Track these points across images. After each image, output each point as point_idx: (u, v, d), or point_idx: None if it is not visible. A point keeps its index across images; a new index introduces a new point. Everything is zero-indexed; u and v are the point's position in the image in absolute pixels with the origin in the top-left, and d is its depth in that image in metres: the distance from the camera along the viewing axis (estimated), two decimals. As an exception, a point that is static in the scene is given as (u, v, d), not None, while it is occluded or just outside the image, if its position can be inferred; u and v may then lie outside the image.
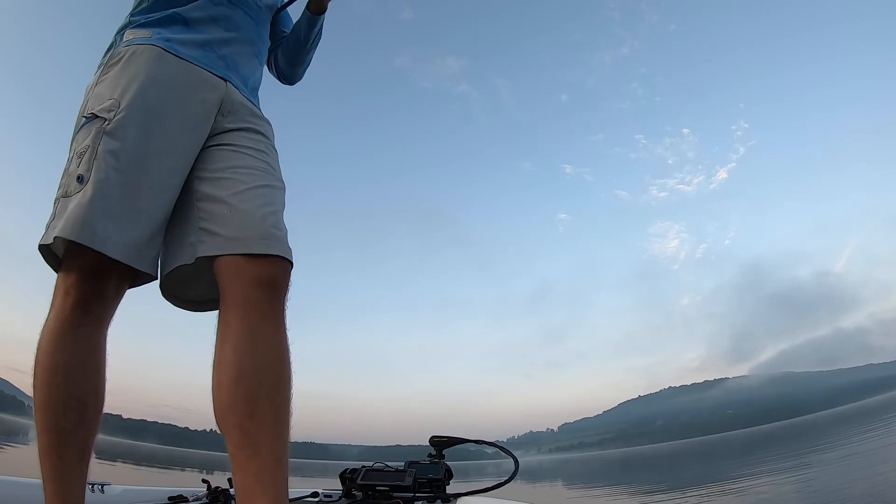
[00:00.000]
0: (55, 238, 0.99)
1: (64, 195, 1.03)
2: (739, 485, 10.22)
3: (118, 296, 1.10)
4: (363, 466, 1.79)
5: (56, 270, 1.07)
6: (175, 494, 1.69)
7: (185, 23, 1.23)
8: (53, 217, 1.03)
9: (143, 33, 1.19)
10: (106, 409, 1.10)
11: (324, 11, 1.51)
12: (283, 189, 1.23)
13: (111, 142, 1.05)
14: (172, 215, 1.15)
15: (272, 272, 1.06)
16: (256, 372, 0.97)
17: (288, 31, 1.60)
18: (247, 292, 1.03)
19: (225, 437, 0.96)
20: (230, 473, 1.82)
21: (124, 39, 1.20)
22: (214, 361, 1.01)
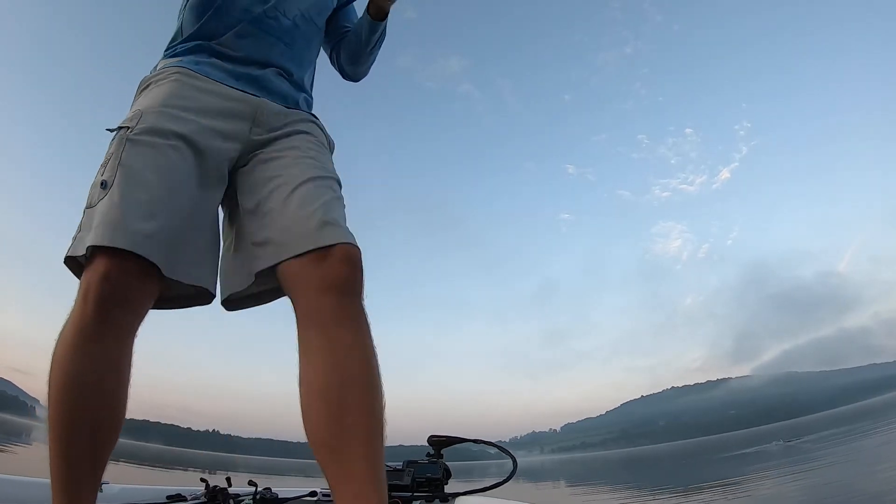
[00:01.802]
0: (90, 248, 0.92)
1: (88, 206, 0.99)
2: (743, 485, 10.21)
3: (145, 301, 0.99)
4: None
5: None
6: (173, 493, 1.69)
7: (217, 52, 1.22)
8: (80, 229, 0.98)
9: (173, 60, 1.20)
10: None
11: (385, 17, 1.43)
12: (334, 178, 1.15)
13: (135, 147, 1.01)
14: (224, 236, 1.14)
15: (340, 271, 0.96)
16: (341, 387, 0.89)
17: (351, 25, 1.52)
18: (318, 301, 0.95)
19: (318, 461, 0.89)
20: (231, 473, 1.83)
21: (157, 69, 1.21)
22: (299, 381, 0.94)
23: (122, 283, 0.93)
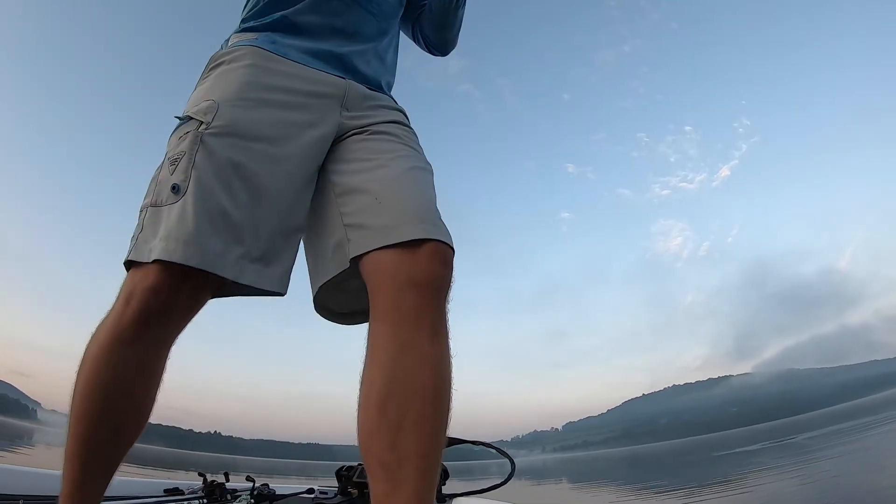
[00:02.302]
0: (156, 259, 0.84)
1: (153, 204, 0.90)
2: (745, 482, 10.20)
3: (190, 315, 0.92)
4: (359, 464, 1.79)
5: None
6: (171, 487, 1.70)
7: (295, 26, 1.10)
8: (142, 228, 0.89)
9: (248, 36, 1.08)
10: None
11: None
12: (432, 172, 1.07)
13: (211, 147, 0.91)
14: (313, 223, 1.03)
15: (429, 269, 0.87)
16: (403, 396, 0.80)
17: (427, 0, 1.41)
18: (398, 297, 0.85)
19: (366, 468, 0.81)
20: (232, 474, 1.84)
21: (229, 44, 1.09)
22: (360, 381, 0.85)
23: (172, 297, 0.87)
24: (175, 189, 0.88)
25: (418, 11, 1.42)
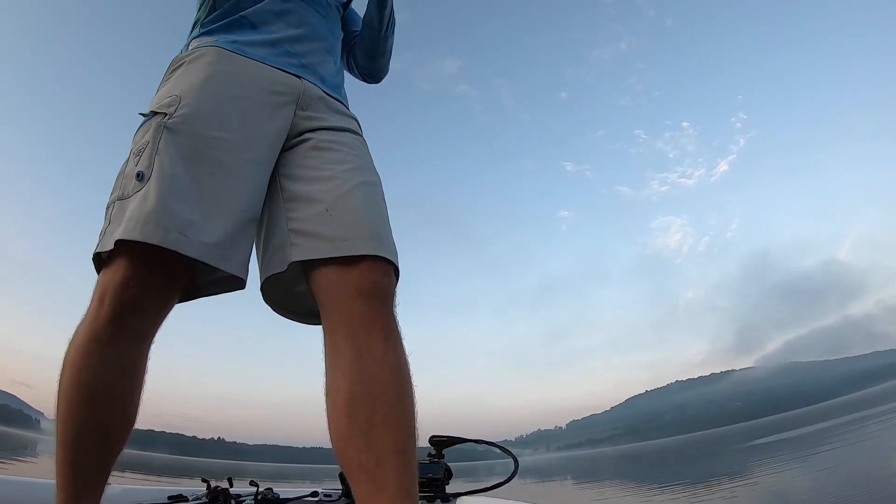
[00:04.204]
0: (117, 242, 0.85)
1: (119, 198, 0.91)
2: (751, 476, 10.20)
3: (164, 308, 0.94)
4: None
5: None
6: (175, 494, 1.69)
7: (252, 25, 1.15)
8: (109, 222, 0.91)
9: (207, 39, 1.12)
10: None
11: None
12: (381, 184, 1.11)
13: (174, 134, 0.94)
14: (263, 218, 1.05)
15: (375, 279, 0.92)
16: (368, 398, 0.84)
17: (358, 28, 1.49)
18: (349, 306, 0.90)
19: (346, 473, 0.84)
20: (236, 479, 1.83)
21: (189, 48, 1.13)
22: (325, 390, 0.89)
23: (142, 290, 0.88)
24: (139, 176, 0.90)
25: (352, 40, 1.49)
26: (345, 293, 0.91)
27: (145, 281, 0.88)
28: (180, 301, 0.99)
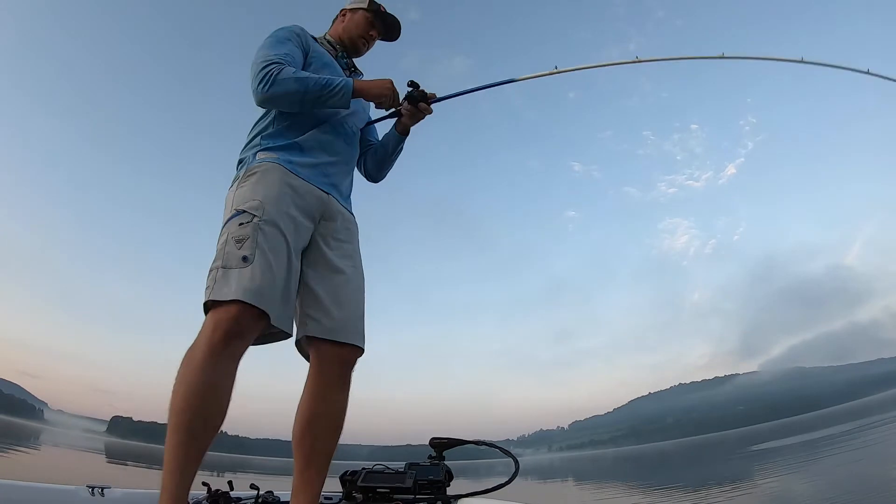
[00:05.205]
0: (232, 300, 1.36)
1: (223, 266, 1.40)
2: (753, 480, 10.16)
3: (250, 341, 1.42)
4: (363, 468, 1.79)
5: (206, 312, 1.39)
6: None
7: (301, 149, 1.66)
8: (215, 280, 1.39)
9: (271, 155, 1.61)
10: (116, 412, 1.10)
11: (408, 134, 1.92)
12: (364, 284, 1.73)
13: (264, 234, 1.45)
14: None
15: (351, 356, 1.61)
16: (318, 423, 1.55)
17: (373, 139, 2.01)
18: (330, 367, 1.58)
19: (295, 457, 1.53)
20: (239, 474, 1.83)
21: (257, 158, 1.61)
22: (299, 405, 1.56)
23: (245, 325, 1.37)
24: (245, 259, 1.41)
25: (365, 148, 1.99)
26: (332, 361, 1.59)
27: (247, 321, 1.37)
28: (253, 344, 1.46)
